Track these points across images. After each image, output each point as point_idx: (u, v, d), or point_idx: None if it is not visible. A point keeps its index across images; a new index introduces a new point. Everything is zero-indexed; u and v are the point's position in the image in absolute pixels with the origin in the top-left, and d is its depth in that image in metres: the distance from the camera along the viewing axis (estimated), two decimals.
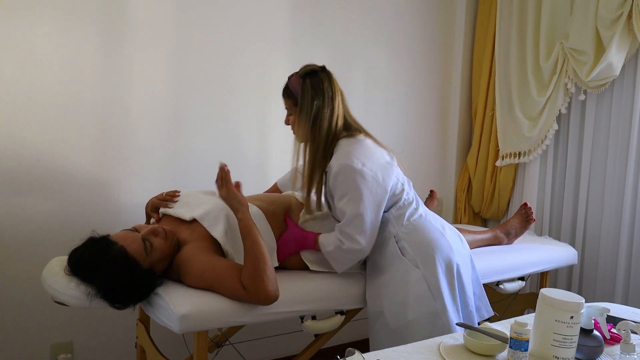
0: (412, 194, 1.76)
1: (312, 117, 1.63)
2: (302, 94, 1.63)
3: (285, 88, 1.70)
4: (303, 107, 1.63)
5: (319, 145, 1.65)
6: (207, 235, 1.59)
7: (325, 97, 1.64)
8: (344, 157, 1.60)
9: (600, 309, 1.26)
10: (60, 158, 1.99)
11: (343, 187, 1.60)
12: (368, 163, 1.60)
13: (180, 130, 2.22)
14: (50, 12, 1.92)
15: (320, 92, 1.63)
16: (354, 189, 1.59)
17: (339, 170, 1.60)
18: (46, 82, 1.94)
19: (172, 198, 1.75)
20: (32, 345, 2.00)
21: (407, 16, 2.82)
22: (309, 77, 1.64)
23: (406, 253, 1.67)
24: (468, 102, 3.05)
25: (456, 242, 1.75)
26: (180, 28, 2.19)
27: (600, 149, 2.47)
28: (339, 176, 1.60)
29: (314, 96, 1.63)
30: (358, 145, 1.63)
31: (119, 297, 1.45)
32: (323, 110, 1.63)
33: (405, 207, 1.71)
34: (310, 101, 1.63)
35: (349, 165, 1.58)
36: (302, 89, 1.63)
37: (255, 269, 1.44)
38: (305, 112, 1.63)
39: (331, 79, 1.67)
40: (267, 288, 1.44)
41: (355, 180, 1.58)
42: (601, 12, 2.27)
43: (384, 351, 1.22)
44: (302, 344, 2.00)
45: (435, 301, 1.64)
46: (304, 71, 1.67)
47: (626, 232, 2.34)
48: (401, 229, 1.69)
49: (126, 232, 1.53)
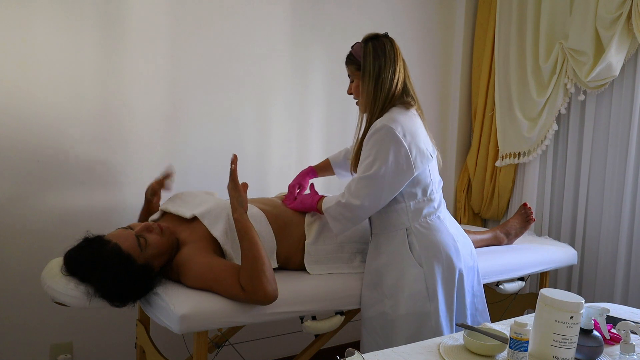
0: (438, 195, 1.74)
1: (374, 77, 1.63)
2: (365, 56, 1.64)
3: (348, 55, 1.71)
4: (366, 68, 1.64)
5: (378, 106, 1.64)
6: (206, 234, 1.59)
7: (387, 59, 1.64)
8: (391, 121, 1.58)
9: (600, 309, 1.25)
10: (60, 158, 1.99)
11: (374, 146, 1.59)
12: (409, 138, 1.59)
13: (180, 130, 2.22)
14: (50, 12, 1.93)
15: (382, 53, 1.64)
16: (383, 151, 1.57)
17: (380, 128, 1.58)
18: (46, 82, 1.94)
19: (169, 177, 1.78)
20: (32, 345, 2.00)
21: (406, 16, 2.82)
22: (371, 41, 1.66)
23: (413, 249, 1.66)
24: (468, 103, 3.06)
25: (466, 252, 1.73)
26: (180, 27, 2.19)
27: (599, 149, 2.47)
28: (377, 134, 1.58)
29: (376, 57, 1.63)
30: (409, 117, 1.62)
31: (116, 294, 1.45)
32: (385, 70, 1.63)
33: (425, 202, 1.69)
34: (372, 62, 1.63)
35: (392, 129, 1.57)
36: (365, 51, 1.65)
37: (253, 269, 1.43)
38: (368, 73, 1.64)
39: (393, 43, 1.67)
40: (266, 288, 1.43)
41: (389, 145, 1.56)
42: (601, 13, 2.27)
43: (383, 351, 1.22)
44: (302, 344, 2.00)
45: (430, 302, 1.63)
46: (366, 37, 1.69)
47: (626, 232, 2.34)
48: (414, 224, 1.67)
49: (120, 230, 1.55)
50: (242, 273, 1.44)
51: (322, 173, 2.02)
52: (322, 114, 2.60)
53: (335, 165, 2.02)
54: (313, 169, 2.00)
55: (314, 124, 2.58)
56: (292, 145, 2.53)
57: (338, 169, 2.02)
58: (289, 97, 2.49)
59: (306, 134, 2.56)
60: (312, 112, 2.57)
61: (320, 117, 2.60)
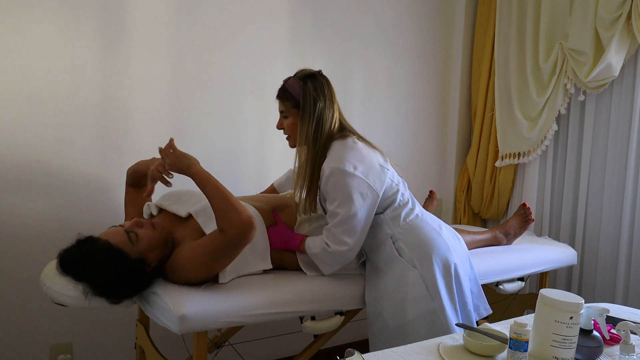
0: (407, 194, 1.76)
1: (315, 119, 1.63)
2: (305, 95, 1.64)
3: (282, 90, 1.70)
4: (306, 108, 1.64)
5: (319, 147, 1.65)
6: (201, 233, 1.59)
7: (327, 100, 1.65)
8: (336, 161, 1.60)
9: (600, 309, 1.25)
10: (60, 158, 1.99)
11: (334, 191, 1.61)
12: (360, 167, 1.61)
13: (180, 131, 2.21)
14: (50, 13, 1.93)
15: (322, 94, 1.65)
16: (345, 192, 1.59)
17: (331, 173, 1.60)
18: (46, 83, 1.94)
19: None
20: (32, 345, 2.00)
21: (406, 17, 2.82)
22: (310, 80, 1.66)
23: (403, 253, 1.68)
24: (467, 103, 3.06)
25: (453, 241, 1.76)
26: (180, 29, 2.19)
27: (599, 149, 2.47)
28: (331, 179, 1.60)
29: (317, 98, 1.63)
30: (350, 148, 1.63)
31: (111, 289, 1.45)
32: (325, 112, 1.64)
33: (400, 207, 1.71)
34: (313, 103, 1.63)
35: (341, 168, 1.58)
36: (304, 91, 1.64)
37: (223, 207, 1.46)
38: (308, 114, 1.64)
39: (329, 83, 1.69)
40: (241, 217, 1.44)
41: (347, 184, 1.59)
42: (600, 13, 2.27)
43: (383, 352, 1.22)
44: (302, 344, 2.00)
45: (433, 301, 1.64)
46: (303, 74, 1.68)
47: (626, 232, 2.34)
48: (397, 230, 1.69)
49: (110, 228, 1.56)
50: (217, 219, 1.47)
51: None
52: None
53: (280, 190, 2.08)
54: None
55: None
56: None
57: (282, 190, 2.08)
58: None
59: None
60: None
61: None
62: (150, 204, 1.77)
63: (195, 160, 1.55)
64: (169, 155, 1.54)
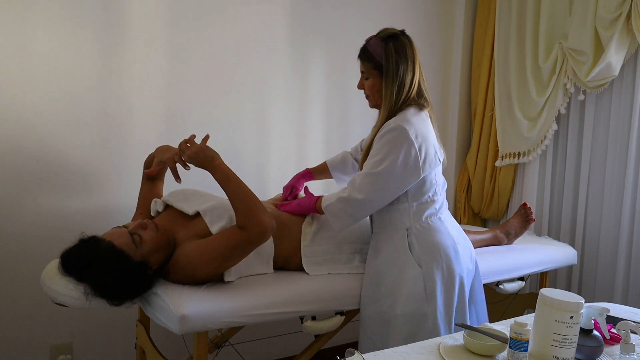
0: (441, 197, 1.73)
1: (397, 80, 1.61)
2: (387, 57, 1.61)
3: (363, 50, 1.68)
4: (389, 70, 1.62)
5: (397, 107, 1.63)
6: (205, 232, 1.58)
7: (409, 62, 1.63)
8: (405, 121, 1.58)
9: (600, 309, 1.25)
10: (60, 159, 1.99)
11: (385, 145, 1.58)
12: (420, 140, 1.59)
13: (180, 131, 2.21)
14: (49, 13, 1.93)
15: (404, 56, 1.62)
16: (394, 151, 1.56)
17: (394, 128, 1.57)
18: (46, 83, 1.94)
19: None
20: (32, 346, 2.00)
21: (406, 17, 2.82)
22: (391, 41, 1.63)
23: (413, 249, 1.65)
24: (467, 103, 3.06)
25: (466, 255, 1.72)
26: (179, 29, 2.19)
27: (599, 149, 2.47)
28: (390, 133, 1.58)
29: (399, 60, 1.61)
30: (422, 120, 1.62)
31: (113, 291, 1.45)
32: (407, 74, 1.62)
33: (427, 204, 1.68)
34: (395, 65, 1.61)
35: (406, 130, 1.56)
36: (386, 52, 1.62)
37: (246, 205, 1.47)
38: (391, 76, 1.62)
39: (412, 43, 1.66)
40: (262, 218, 1.47)
41: (401, 145, 1.56)
42: (600, 13, 2.27)
43: (383, 352, 1.22)
44: (302, 344, 2.00)
45: (428, 304, 1.62)
46: (385, 34, 1.65)
47: (626, 232, 2.34)
48: (415, 225, 1.67)
49: (114, 229, 1.55)
50: (237, 215, 1.48)
51: (318, 176, 2.02)
52: (321, 114, 2.60)
53: (333, 169, 2.02)
54: (309, 171, 2.00)
55: (313, 124, 2.58)
56: (291, 145, 2.53)
57: (336, 172, 2.02)
58: (289, 97, 2.49)
59: (306, 134, 2.56)
60: (311, 112, 2.57)
61: (320, 117, 2.60)
62: (157, 200, 1.77)
63: (218, 154, 1.55)
64: (192, 145, 1.53)
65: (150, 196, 1.81)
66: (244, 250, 1.50)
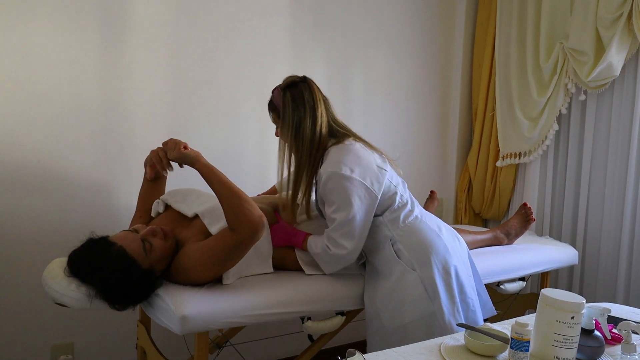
0: (406, 195, 1.75)
1: (294, 129, 1.64)
2: (284, 107, 1.65)
3: (269, 102, 1.72)
4: (285, 119, 1.65)
5: (303, 155, 1.65)
6: (205, 233, 1.58)
7: (307, 108, 1.64)
8: (333, 165, 1.60)
9: (601, 309, 1.25)
10: (60, 159, 1.99)
11: (332, 195, 1.61)
12: (357, 169, 1.60)
13: (180, 131, 2.22)
14: (50, 13, 1.93)
15: (301, 103, 1.64)
16: (343, 196, 1.59)
17: (328, 177, 1.60)
18: (46, 83, 1.95)
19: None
20: (33, 346, 2.00)
21: (407, 17, 2.82)
22: (289, 90, 1.66)
23: (402, 255, 1.67)
24: (468, 103, 3.05)
25: (453, 242, 1.74)
26: (180, 29, 2.19)
27: (600, 149, 2.47)
28: (328, 183, 1.60)
29: (295, 108, 1.64)
30: (347, 151, 1.63)
31: (119, 297, 1.44)
32: (305, 121, 1.64)
33: (399, 209, 1.70)
34: (291, 113, 1.64)
35: (337, 172, 1.59)
36: (283, 101, 1.65)
37: (234, 205, 1.45)
38: (287, 124, 1.64)
39: (312, 88, 1.67)
40: (250, 217, 1.44)
41: (344, 187, 1.58)
42: (601, 13, 2.27)
43: (384, 352, 1.22)
44: (303, 344, 2.00)
45: (432, 303, 1.63)
46: (284, 84, 1.69)
47: (627, 232, 2.34)
48: (396, 232, 1.69)
49: (125, 233, 1.53)
50: (226, 216, 1.46)
51: None
52: None
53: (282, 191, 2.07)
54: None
55: None
56: None
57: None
58: None
59: None
60: None
61: None
62: (159, 201, 1.77)
63: (200, 154, 1.54)
64: (175, 148, 1.55)
65: (150, 197, 1.80)
66: (240, 250, 1.48)
